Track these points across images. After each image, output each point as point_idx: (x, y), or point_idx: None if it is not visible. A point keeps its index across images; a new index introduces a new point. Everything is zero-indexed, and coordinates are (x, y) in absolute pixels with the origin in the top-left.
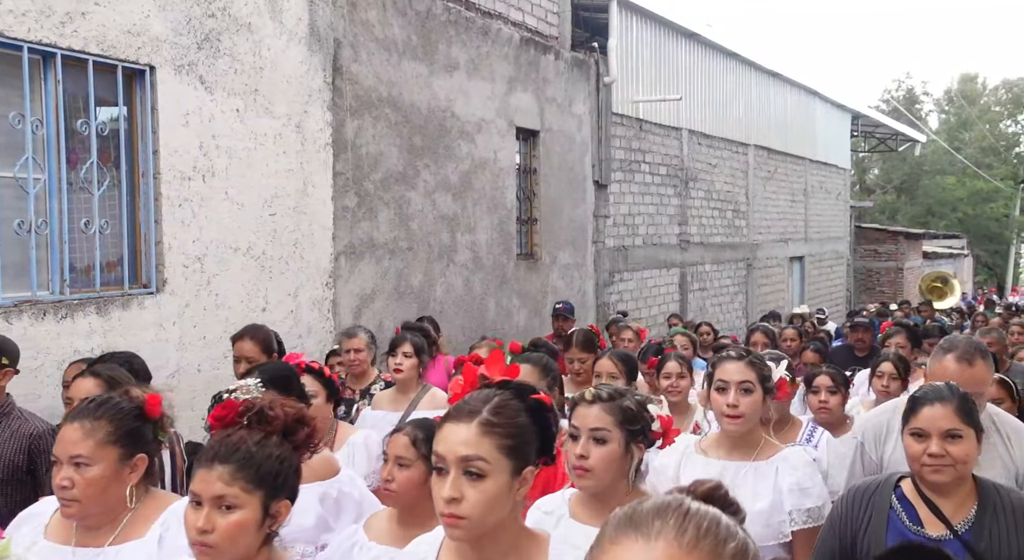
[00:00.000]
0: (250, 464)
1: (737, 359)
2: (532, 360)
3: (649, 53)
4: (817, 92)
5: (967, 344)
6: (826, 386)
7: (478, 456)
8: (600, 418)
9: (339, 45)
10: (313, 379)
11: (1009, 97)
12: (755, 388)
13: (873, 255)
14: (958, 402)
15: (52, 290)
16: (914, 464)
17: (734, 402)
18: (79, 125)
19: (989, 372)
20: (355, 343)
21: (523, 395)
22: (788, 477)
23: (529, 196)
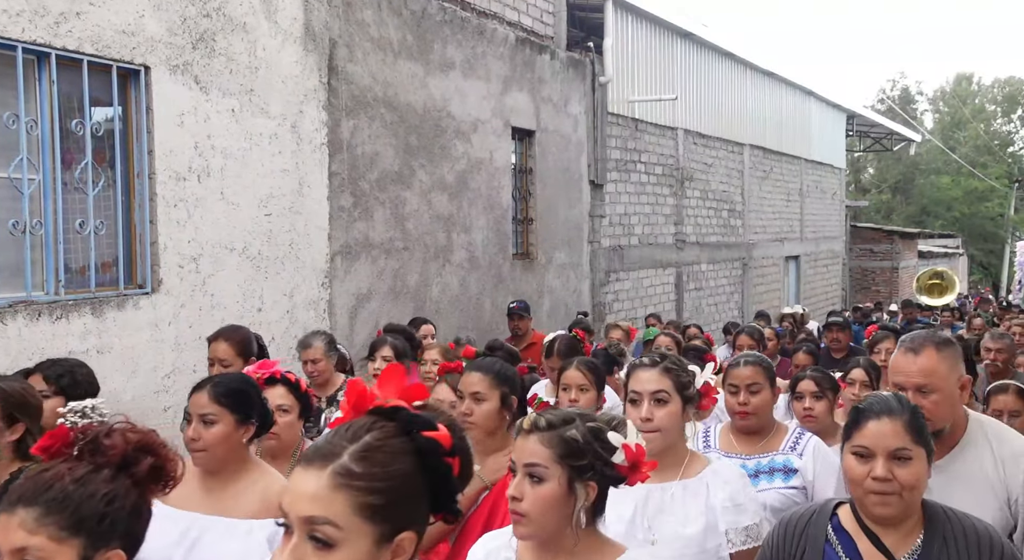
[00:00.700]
0: (63, 506)
1: (650, 366)
2: (484, 367)
3: (644, 53)
4: (812, 92)
5: (920, 334)
6: (810, 392)
7: (326, 519)
8: (535, 452)
9: (334, 45)
10: (287, 391)
11: (1003, 96)
12: (671, 398)
13: (868, 255)
14: (909, 416)
15: (47, 291)
16: (855, 489)
17: (647, 415)
18: (74, 125)
19: (945, 365)
20: (311, 354)
21: (411, 430)
22: (720, 493)
23: (525, 196)
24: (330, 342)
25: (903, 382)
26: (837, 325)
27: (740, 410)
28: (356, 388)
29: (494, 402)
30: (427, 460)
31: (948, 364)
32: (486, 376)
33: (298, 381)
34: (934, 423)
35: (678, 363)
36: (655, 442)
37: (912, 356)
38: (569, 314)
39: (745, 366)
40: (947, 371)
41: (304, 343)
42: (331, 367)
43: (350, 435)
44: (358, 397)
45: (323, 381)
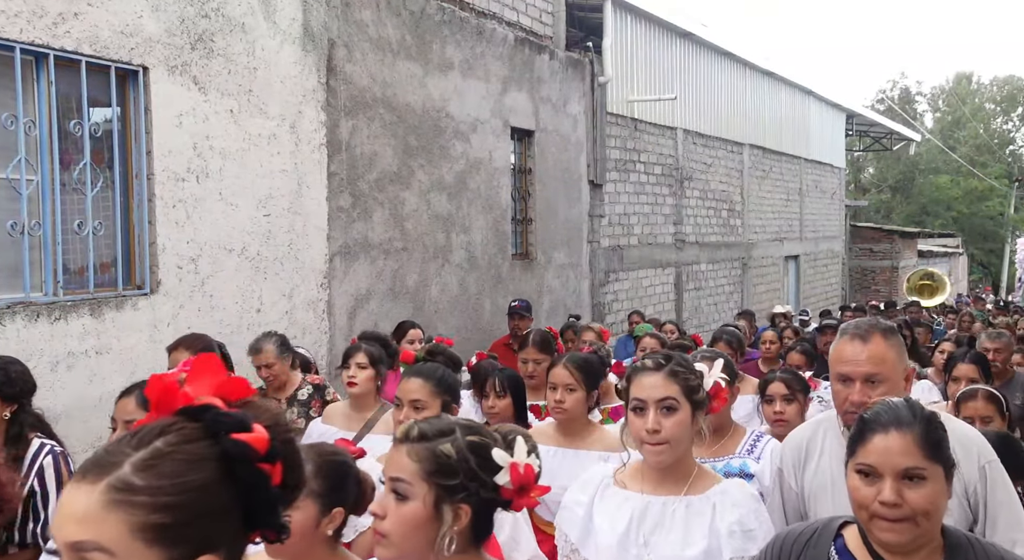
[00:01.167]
0: None
1: (654, 369)
2: (424, 373)
3: (644, 53)
4: (812, 91)
5: (865, 321)
6: (781, 394)
7: (96, 544)
8: (402, 465)
9: (333, 45)
10: None
11: (1003, 95)
12: (680, 405)
13: (868, 254)
14: (922, 429)
15: (45, 291)
16: (861, 512)
17: (654, 426)
18: (72, 126)
19: (893, 353)
20: (263, 359)
21: (217, 432)
22: (728, 516)
23: (524, 196)
24: (282, 343)
25: (850, 372)
26: (831, 328)
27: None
28: (159, 384)
29: (434, 410)
30: (235, 468)
31: (896, 352)
32: (427, 383)
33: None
34: None
35: (684, 364)
36: (665, 455)
37: (860, 343)
38: (569, 314)
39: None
40: (896, 360)
41: (254, 348)
42: (286, 368)
43: (135, 441)
44: (161, 394)
45: (279, 384)
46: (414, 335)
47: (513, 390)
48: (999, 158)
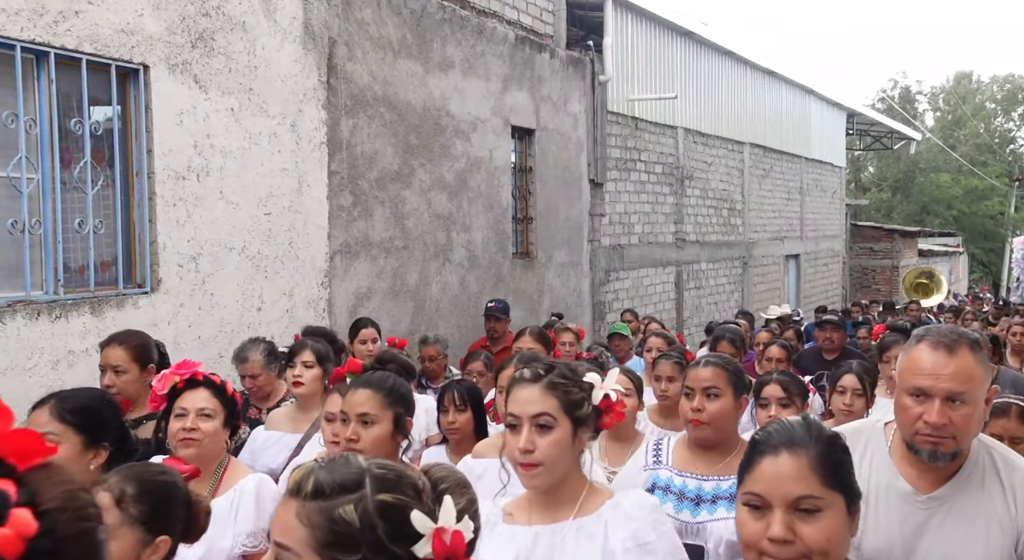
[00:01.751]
0: None
1: (531, 381)
2: (373, 383)
3: (644, 51)
4: (812, 90)
5: (950, 330)
6: (776, 398)
7: None
8: (288, 528)
9: (334, 44)
10: (211, 395)
11: (1003, 94)
12: (556, 422)
13: (869, 253)
14: (819, 451)
15: (46, 290)
16: (749, 553)
17: (526, 446)
18: (72, 124)
19: (981, 370)
20: (248, 368)
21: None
22: (620, 531)
23: (524, 195)
24: (269, 353)
25: (930, 388)
26: (831, 323)
27: (693, 417)
28: None
29: (385, 425)
30: None
31: (984, 370)
32: (376, 394)
33: (223, 383)
34: (959, 442)
35: (568, 375)
36: (539, 478)
37: (946, 355)
38: (569, 313)
39: (705, 367)
40: (983, 378)
41: (239, 356)
42: (272, 378)
43: None
44: None
45: (263, 395)
46: (367, 335)
47: (473, 403)
48: (1000, 157)
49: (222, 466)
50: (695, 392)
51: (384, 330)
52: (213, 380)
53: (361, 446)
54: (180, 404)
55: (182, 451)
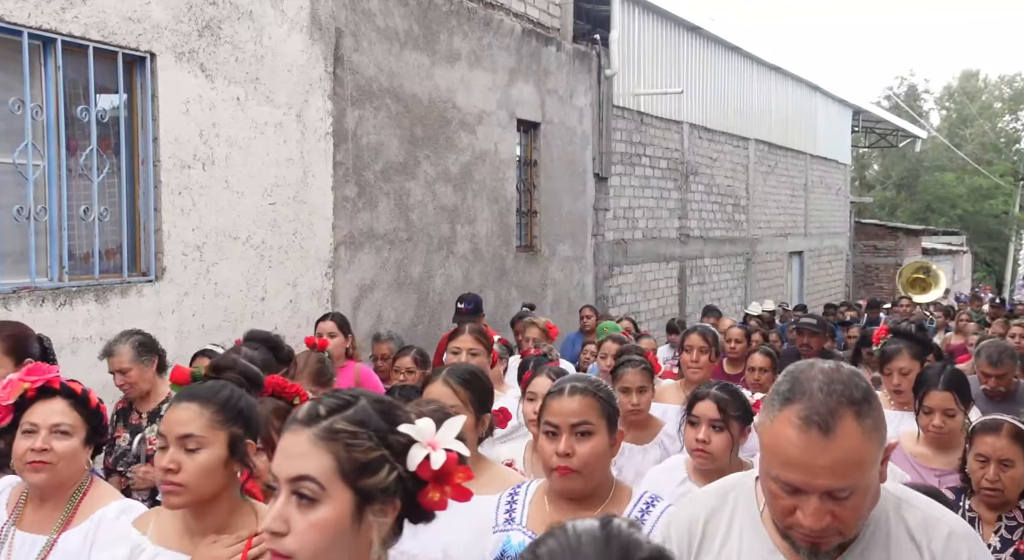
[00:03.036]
0: None
1: (570, 393)
2: (199, 395)
3: (651, 46)
4: (819, 87)
5: (826, 392)
6: (709, 419)
7: None
8: None
9: (340, 34)
10: (68, 407)
11: (1010, 93)
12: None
13: (872, 251)
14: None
15: (51, 277)
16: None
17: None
18: (79, 112)
19: (870, 444)
20: (116, 363)
21: None
22: None
23: (529, 188)
24: (141, 345)
25: (803, 483)
26: (809, 328)
27: (559, 464)
28: None
29: (216, 450)
30: None
31: (877, 440)
32: (204, 410)
33: (86, 393)
34: (846, 533)
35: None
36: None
37: (821, 438)
38: (572, 308)
39: (571, 397)
40: (875, 454)
41: (106, 350)
42: (147, 375)
43: None
44: None
45: (139, 393)
46: (324, 328)
47: None
48: (1005, 156)
49: (81, 491)
50: (561, 430)
51: (387, 322)
52: (72, 389)
53: (182, 478)
54: (29, 419)
55: (30, 476)
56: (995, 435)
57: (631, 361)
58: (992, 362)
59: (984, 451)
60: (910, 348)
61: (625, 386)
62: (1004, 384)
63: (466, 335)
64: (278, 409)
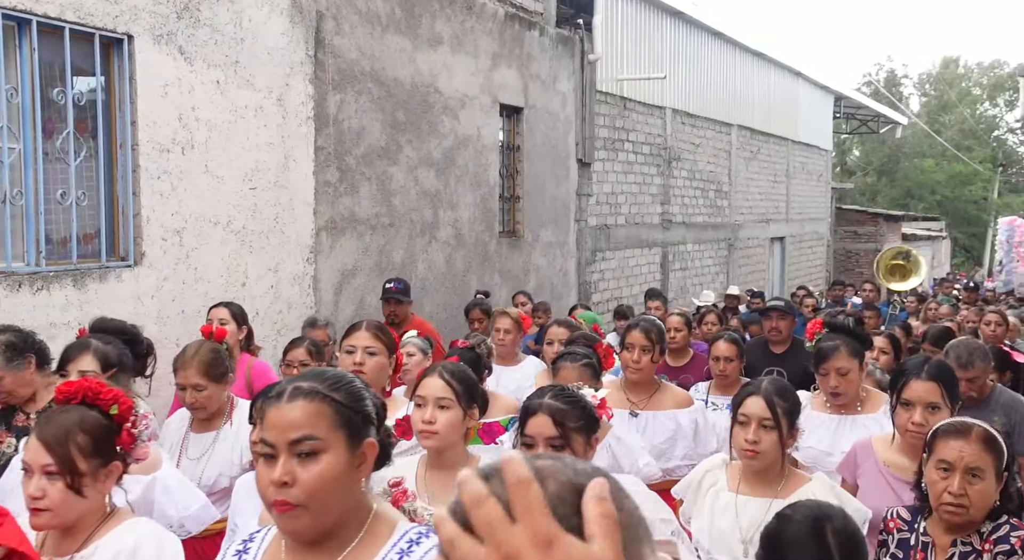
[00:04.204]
0: None
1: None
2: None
3: (634, 31)
4: (800, 73)
5: None
6: (545, 438)
7: None
8: None
9: (321, 17)
10: None
11: (989, 80)
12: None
13: (853, 237)
14: None
15: (27, 261)
16: None
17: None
18: (55, 94)
19: None
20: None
21: None
22: None
23: (512, 173)
24: (10, 346)
25: None
26: (777, 311)
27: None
28: None
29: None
30: None
31: None
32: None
33: None
34: None
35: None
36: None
37: None
38: (555, 293)
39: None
40: None
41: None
42: (23, 378)
43: None
44: None
45: (20, 400)
46: (215, 314)
47: None
48: (984, 142)
49: None
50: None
51: (369, 308)
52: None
53: None
54: None
55: None
56: (963, 439)
57: (571, 354)
58: (962, 364)
59: (948, 457)
60: (848, 345)
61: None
62: (976, 388)
63: (363, 331)
64: (86, 421)
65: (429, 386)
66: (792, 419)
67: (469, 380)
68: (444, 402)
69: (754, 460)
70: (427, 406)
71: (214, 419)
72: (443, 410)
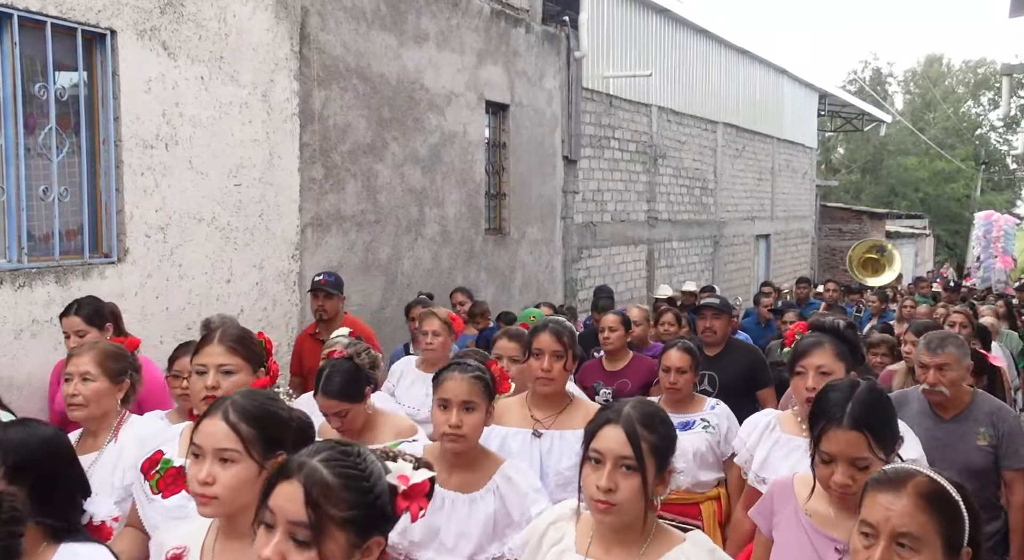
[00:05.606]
0: None
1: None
2: None
3: (620, 28)
4: (786, 70)
5: None
6: None
7: None
8: None
9: (306, 13)
10: None
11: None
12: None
13: (837, 234)
14: None
15: (9, 258)
16: None
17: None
18: (37, 89)
19: None
20: None
21: None
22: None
23: (498, 170)
24: None
25: None
26: (711, 308)
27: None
28: None
29: None
30: None
31: None
32: None
33: None
34: None
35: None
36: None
37: None
38: (542, 291)
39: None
40: None
41: None
42: None
43: None
44: None
45: None
46: (69, 326)
47: None
48: (967, 140)
49: None
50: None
51: (355, 305)
52: None
53: None
54: None
55: None
56: (892, 493)
57: (461, 365)
58: (931, 348)
59: (871, 517)
60: (835, 345)
61: (442, 400)
62: (947, 381)
63: (214, 345)
64: None
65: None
66: (663, 458)
67: (267, 421)
68: (226, 455)
69: (608, 514)
70: None
71: (100, 435)
72: (226, 463)
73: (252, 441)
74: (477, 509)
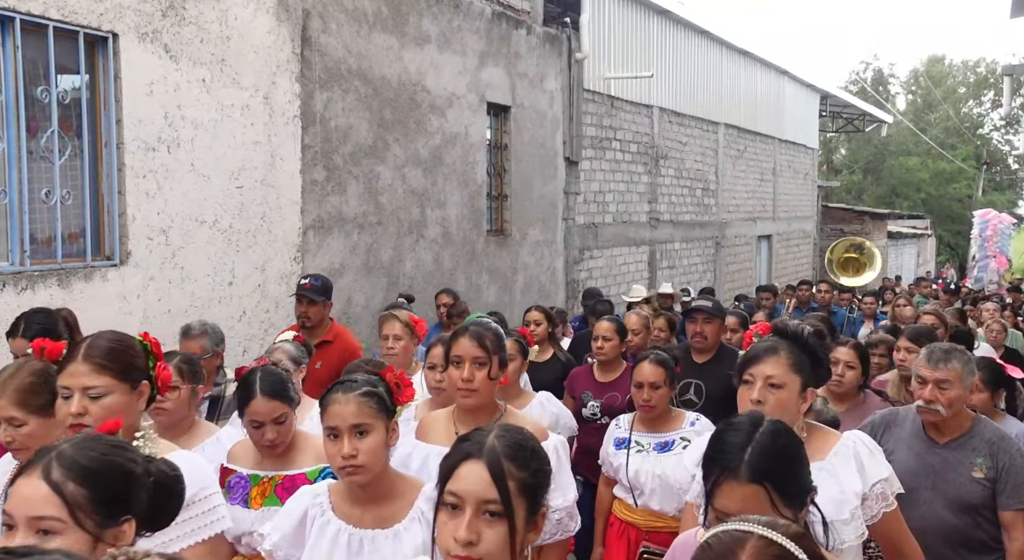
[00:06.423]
0: None
1: None
2: None
3: (621, 30)
4: (787, 72)
5: None
6: None
7: None
8: None
9: (308, 15)
10: None
11: (975, 78)
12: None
13: (839, 235)
14: None
15: (12, 261)
16: None
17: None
18: (39, 92)
19: None
20: None
21: None
22: None
23: (500, 172)
24: None
25: None
26: (703, 312)
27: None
28: None
29: None
30: None
31: None
32: None
33: None
34: None
35: None
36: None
37: None
38: (543, 292)
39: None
40: None
41: None
42: None
43: None
44: None
45: None
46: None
47: None
48: (968, 141)
49: None
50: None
51: (357, 307)
52: None
53: None
54: None
55: None
56: None
57: (342, 385)
58: (932, 361)
59: None
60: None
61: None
62: (947, 401)
63: (78, 363)
64: None
65: None
66: (535, 498)
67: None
68: (45, 524)
69: None
70: None
71: None
72: (47, 537)
73: (82, 506)
74: (403, 543)
